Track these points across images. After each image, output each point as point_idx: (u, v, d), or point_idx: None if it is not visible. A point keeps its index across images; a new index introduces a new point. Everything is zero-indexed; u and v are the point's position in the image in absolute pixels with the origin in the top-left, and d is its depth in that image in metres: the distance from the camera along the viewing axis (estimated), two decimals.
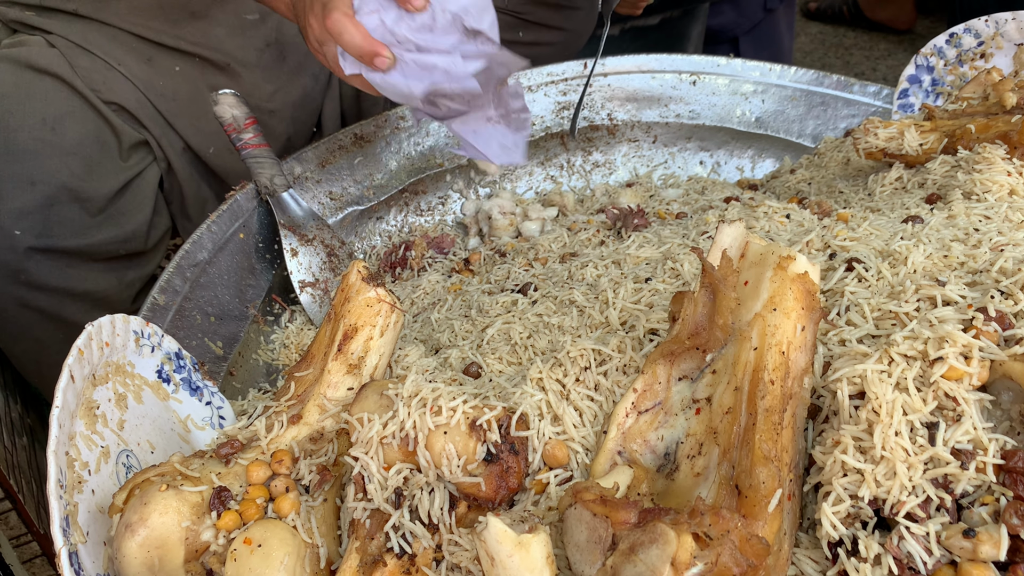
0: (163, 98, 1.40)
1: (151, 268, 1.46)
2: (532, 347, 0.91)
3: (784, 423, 0.62)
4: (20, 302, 1.30)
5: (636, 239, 1.11)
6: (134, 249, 1.40)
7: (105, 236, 1.34)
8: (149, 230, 1.42)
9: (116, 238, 1.35)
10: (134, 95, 1.38)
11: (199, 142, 1.45)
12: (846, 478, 0.63)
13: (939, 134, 1.18)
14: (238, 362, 1.19)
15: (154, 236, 1.44)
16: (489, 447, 0.70)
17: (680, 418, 0.69)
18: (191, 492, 0.73)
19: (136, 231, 1.39)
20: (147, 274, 1.46)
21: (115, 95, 1.36)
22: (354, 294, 0.85)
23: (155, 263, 1.47)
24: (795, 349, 0.64)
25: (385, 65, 1.02)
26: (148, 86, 1.39)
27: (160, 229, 1.45)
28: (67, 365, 0.79)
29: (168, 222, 1.49)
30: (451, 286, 1.27)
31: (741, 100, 1.58)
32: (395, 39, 1.02)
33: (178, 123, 1.42)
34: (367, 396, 0.75)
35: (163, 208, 1.48)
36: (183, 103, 1.42)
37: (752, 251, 0.68)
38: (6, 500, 1.37)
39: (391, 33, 1.01)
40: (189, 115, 1.43)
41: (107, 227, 1.34)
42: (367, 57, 1.02)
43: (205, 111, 1.44)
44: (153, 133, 1.41)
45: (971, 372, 0.64)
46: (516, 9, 1.58)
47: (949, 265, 0.81)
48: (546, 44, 1.62)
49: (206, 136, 1.45)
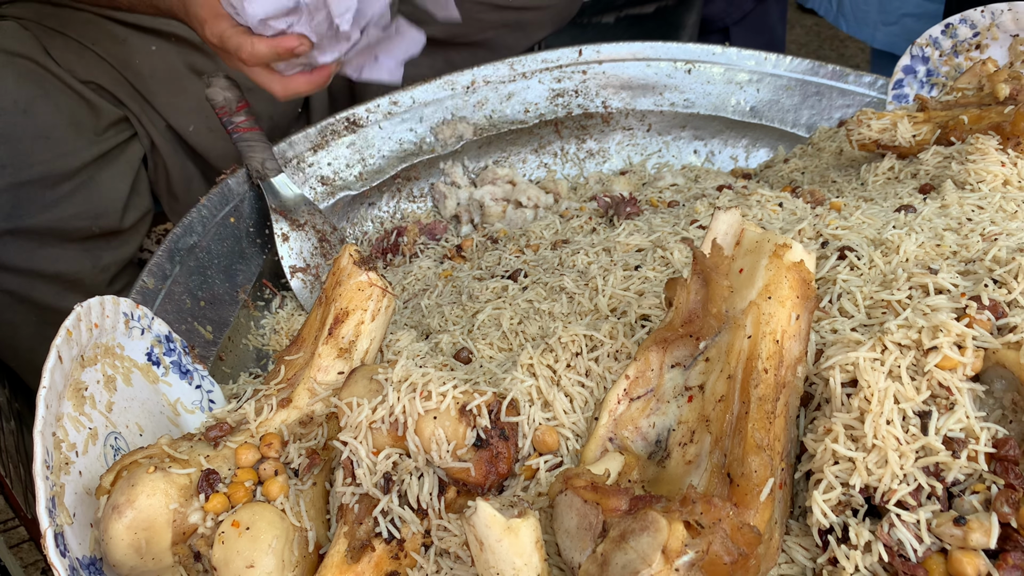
0: (140, 76, 1.39)
1: (129, 251, 1.45)
2: (523, 333, 0.91)
3: (777, 412, 0.62)
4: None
5: (627, 227, 1.10)
6: (107, 227, 1.37)
7: (75, 210, 1.32)
8: (125, 209, 1.40)
9: (86, 212, 1.33)
10: (110, 73, 1.36)
11: (178, 120, 1.43)
12: (837, 466, 0.63)
13: (932, 125, 1.18)
14: (228, 347, 1.18)
15: (131, 216, 1.42)
16: (479, 432, 0.69)
17: (672, 405, 0.68)
18: (179, 474, 0.73)
19: (109, 207, 1.37)
20: (124, 258, 1.44)
21: (91, 74, 1.34)
22: (345, 278, 0.84)
23: (133, 246, 1.46)
24: (789, 338, 0.64)
25: (304, 49, 1.00)
26: (124, 65, 1.37)
27: (139, 210, 1.44)
28: (55, 346, 0.78)
29: (149, 204, 1.47)
30: (442, 272, 1.26)
31: (736, 89, 1.58)
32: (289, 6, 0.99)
33: (156, 101, 1.41)
34: (356, 380, 0.74)
35: (144, 190, 1.46)
36: (160, 81, 1.41)
37: (747, 238, 0.68)
38: None
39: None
40: (167, 93, 1.42)
41: (76, 199, 1.32)
42: (284, 56, 0.99)
43: (183, 89, 1.42)
44: (132, 110, 1.39)
45: (965, 362, 0.63)
46: None
47: (942, 254, 0.81)
48: (537, 8, 1.60)
49: (185, 114, 1.44)
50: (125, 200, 1.41)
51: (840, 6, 2.38)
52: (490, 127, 1.54)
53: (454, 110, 1.52)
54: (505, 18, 1.60)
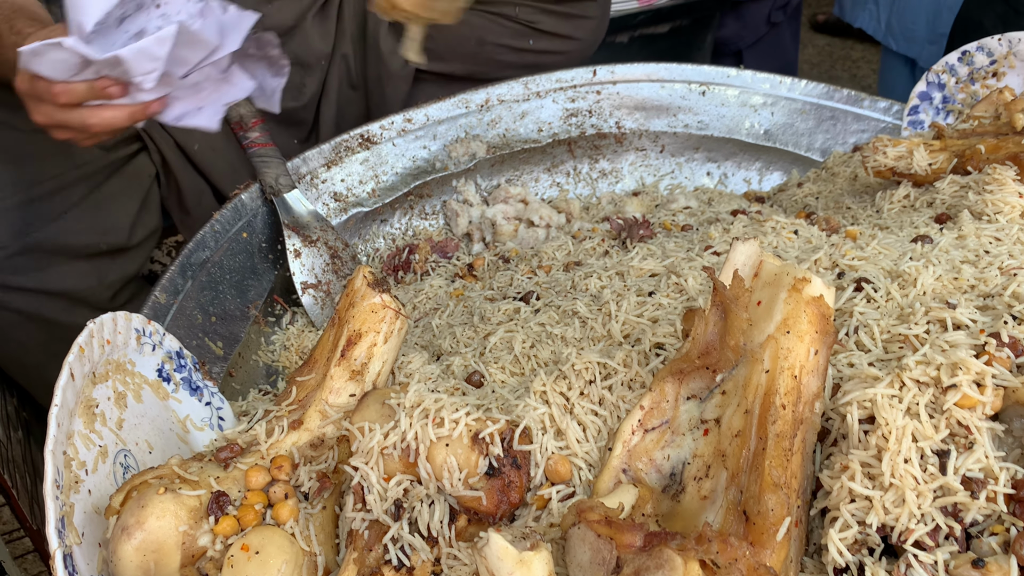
0: None
1: (134, 268, 1.45)
2: (535, 357, 0.91)
3: (794, 448, 0.62)
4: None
5: (640, 251, 1.10)
6: (115, 244, 1.38)
7: (84, 225, 1.33)
8: (133, 226, 1.40)
9: (95, 228, 1.34)
10: None
11: (184, 138, 1.44)
12: (854, 504, 0.62)
13: (948, 154, 1.18)
14: (238, 363, 1.18)
15: (139, 234, 1.42)
16: (491, 461, 0.69)
17: (687, 438, 0.68)
18: (189, 496, 0.73)
19: (117, 224, 1.37)
20: (129, 274, 1.44)
21: None
22: (359, 299, 0.84)
23: (138, 263, 1.46)
24: (807, 373, 0.63)
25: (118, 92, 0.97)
26: None
27: (147, 228, 1.44)
28: (67, 363, 0.78)
29: (157, 222, 1.48)
30: (454, 291, 1.26)
31: (750, 112, 1.58)
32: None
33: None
34: (368, 405, 0.74)
35: (154, 207, 1.47)
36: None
37: (766, 270, 0.68)
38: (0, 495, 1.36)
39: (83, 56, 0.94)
40: None
41: (86, 214, 1.33)
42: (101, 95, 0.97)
43: None
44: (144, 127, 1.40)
45: (985, 401, 0.63)
46: (528, 18, 1.58)
47: (959, 287, 0.81)
48: (556, 52, 1.62)
49: (190, 133, 1.44)
50: (133, 217, 1.41)
51: (889, 25, 2.39)
52: (503, 145, 1.54)
53: (468, 128, 1.52)
54: (525, 59, 1.62)
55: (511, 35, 1.60)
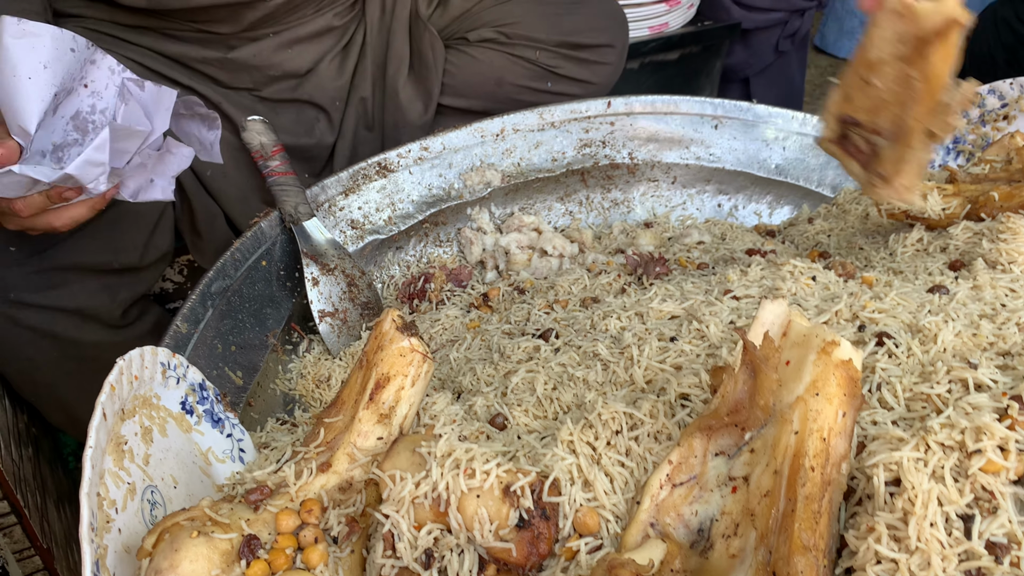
0: None
1: (144, 288, 1.46)
2: (557, 400, 0.92)
3: (822, 510, 0.63)
4: (11, 320, 1.30)
5: (658, 290, 1.11)
6: (127, 263, 1.39)
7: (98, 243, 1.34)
8: (145, 246, 1.42)
9: (109, 246, 1.35)
10: None
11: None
12: (880, 566, 0.63)
13: (962, 199, 1.19)
14: (256, 392, 1.19)
15: (151, 254, 1.44)
16: (522, 513, 0.70)
17: (715, 494, 0.69)
18: (221, 539, 0.74)
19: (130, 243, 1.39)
20: (139, 293, 1.46)
21: None
22: (387, 343, 0.85)
23: (148, 283, 1.47)
24: (836, 435, 0.65)
25: (74, 194, 1.01)
26: None
27: (159, 250, 1.45)
28: (100, 403, 0.79)
29: (169, 244, 1.49)
30: (470, 323, 1.27)
31: (762, 146, 1.59)
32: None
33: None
34: (399, 452, 0.75)
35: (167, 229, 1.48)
36: None
37: (795, 331, 0.69)
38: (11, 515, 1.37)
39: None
40: None
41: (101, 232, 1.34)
42: (57, 201, 1.01)
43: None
44: None
45: (1008, 466, 0.64)
46: (547, 63, 1.62)
47: (979, 344, 0.82)
48: (572, 96, 1.65)
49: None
50: (147, 237, 1.42)
51: None
52: (518, 174, 1.56)
53: (483, 157, 1.54)
54: (541, 99, 1.65)
55: (530, 77, 1.63)
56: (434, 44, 1.58)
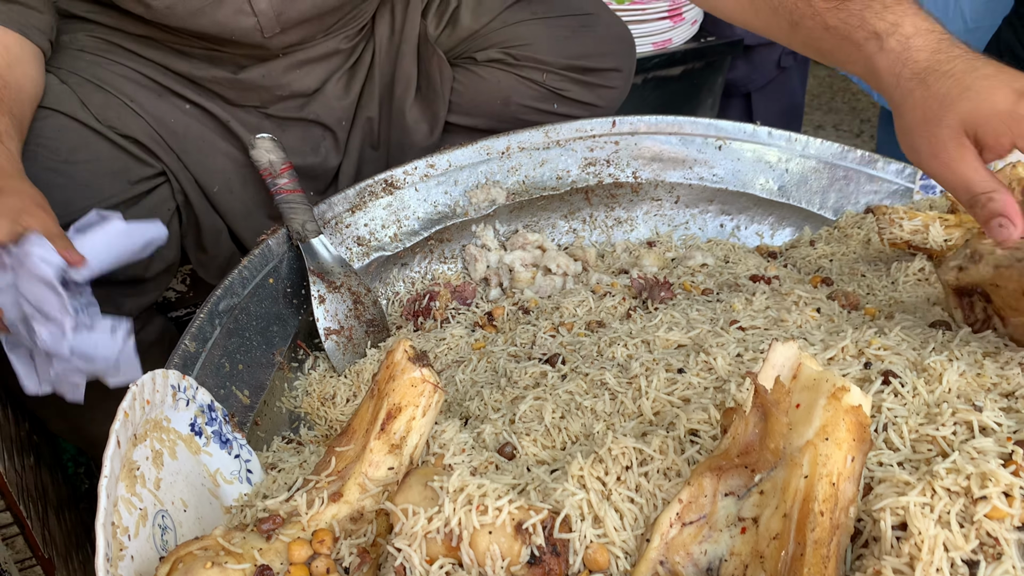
0: (174, 135, 1.42)
1: (148, 300, 1.47)
2: (566, 430, 0.93)
3: (831, 554, 0.64)
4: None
5: (664, 317, 1.12)
6: (132, 274, 1.40)
7: None
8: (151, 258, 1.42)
9: None
10: (146, 130, 1.39)
11: (205, 180, 1.46)
12: None
13: (963, 230, 1.21)
14: (263, 411, 1.20)
15: (156, 267, 1.44)
16: (533, 550, 0.71)
17: (725, 535, 0.70)
18: (234, 570, 0.74)
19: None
20: (143, 305, 1.46)
21: (129, 129, 1.37)
22: (399, 373, 0.86)
23: (152, 295, 1.48)
24: (844, 480, 0.66)
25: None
26: (160, 122, 1.40)
27: (164, 262, 1.46)
28: (114, 431, 0.80)
29: (174, 257, 1.50)
30: (475, 343, 1.28)
31: (765, 168, 1.61)
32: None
33: (187, 159, 1.44)
34: (412, 486, 0.76)
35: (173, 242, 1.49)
36: (192, 140, 1.44)
37: (805, 375, 0.70)
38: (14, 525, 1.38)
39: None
40: (196, 152, 1.44)
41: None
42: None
43: (212, 150, 1.45)
44: (169, 166, 1.42)
45: (1013, 513, 0.66)
46: (554, 85, 1.64)
47: (983, 385, 0.83)
48: (577, 117, 1.67)
49: (211, 175, 1.46)
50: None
51: None
52: (523, 192, 1.57)
53: (488, 174, 1.55)
54: (547, 120, 1.67)
55: (537, 98, 1.65)
56: (442, 68, 1.59)
